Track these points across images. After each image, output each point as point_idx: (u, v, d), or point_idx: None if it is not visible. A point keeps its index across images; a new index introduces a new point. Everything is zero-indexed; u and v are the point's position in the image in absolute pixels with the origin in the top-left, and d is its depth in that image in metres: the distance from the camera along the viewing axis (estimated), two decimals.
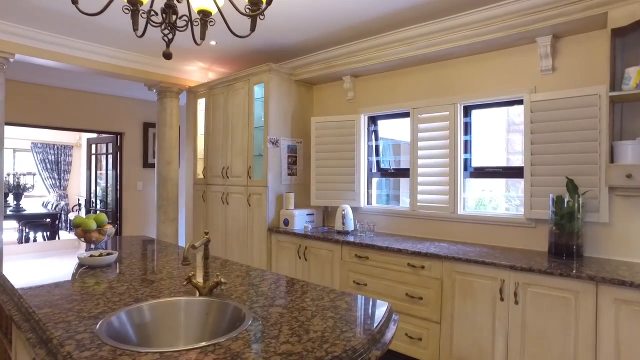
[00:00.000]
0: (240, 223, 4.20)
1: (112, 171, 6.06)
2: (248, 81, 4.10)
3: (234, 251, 4.26)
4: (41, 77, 5.05)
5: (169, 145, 4.76)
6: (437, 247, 2.91)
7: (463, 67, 3.21)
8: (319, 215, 4.13)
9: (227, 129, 4.36)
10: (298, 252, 3.63)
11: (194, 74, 4.81)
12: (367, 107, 3.85)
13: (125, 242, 2.75)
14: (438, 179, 3.31)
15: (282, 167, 4.04)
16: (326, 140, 3.98)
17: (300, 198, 4.21)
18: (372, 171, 3.93)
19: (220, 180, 4.45)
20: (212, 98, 4.58)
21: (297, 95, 4.20)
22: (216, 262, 2.18)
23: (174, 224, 4.80)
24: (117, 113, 5.92)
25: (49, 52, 3.80)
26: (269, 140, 3.91)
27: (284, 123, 4.06)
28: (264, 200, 3.93)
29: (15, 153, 9.63)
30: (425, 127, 3.40)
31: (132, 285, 1.68)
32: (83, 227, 2.34)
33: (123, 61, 4.24)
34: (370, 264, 3.05)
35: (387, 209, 3.71)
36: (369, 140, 3.92)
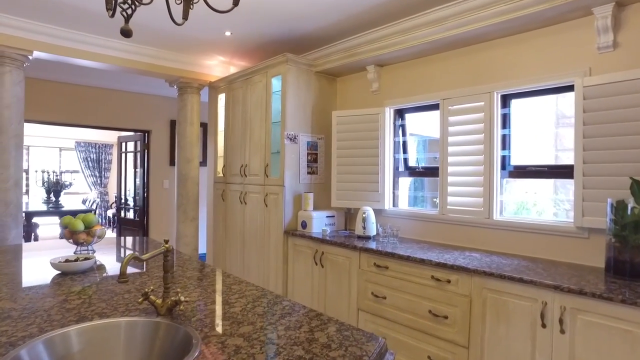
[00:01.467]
0: (258, 225, 3.96)
1: (140, 169, 6.05)
2: (266, 74, 3.85)
3: (252, 256, 4.03)
4: (69, 75, 5.09)
5: (190, 142, 4.62)
6: (467, 257, 2.50)
7: (500, 50, 2.77)
8: (341, 217, 3.81)
9: (245, 124, 4.14)
10: (314, 257, 3.33)
11: (215, 68, 4.64)
12: (392, 100, 3.48)
13: (121, 245, 2.57)
14: (471, 179, 2.89)
15: (300, 165, 3.75)
16: (348, 136, 3.65)
17: (322, 199, 3.91)
18: (398, 170, 3.55)
19: (239, 178, 4.24)
20: (231, 93, 4.38)
21: (318, 88, 3.90)
22: (204, 271, 1.92)
23: (193, 224, 4.66)
24: (144, 111, 5.89)
25: (66, 49, 3.75)
26: (286, 136, 3.64)
27: (303, 118, 3.77)
28: (281, 200, 3.66)
29: (62, 152, 10.03)
30: (457, 120, 2.99)
31: (91, 299, 1.46)
32: (70, 228, 2.17)
33: (141, 56, 4.13)
34: (390, 275, 2.70)
35: (414, 212, 3.32)
36: (395, 136, 3.55)
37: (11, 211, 3.55)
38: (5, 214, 3.52)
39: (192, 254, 4.65)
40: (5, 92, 3.52)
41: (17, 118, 3.60)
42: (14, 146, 3.57)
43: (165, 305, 1.30)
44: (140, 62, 4.14)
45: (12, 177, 3.56)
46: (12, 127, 3.56)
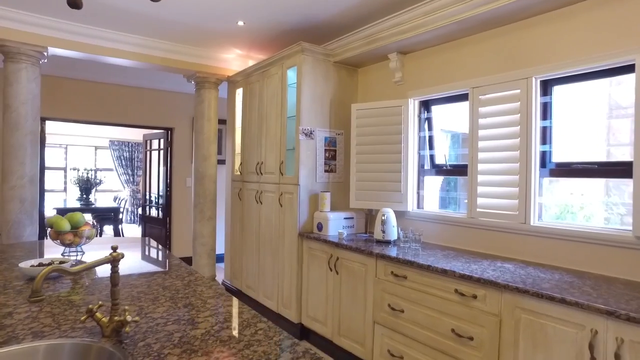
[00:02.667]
0: (273, 226, 3.74)
1: (164, 167, 6.00)
2: (281, 65, 3.62)
3: (267, 258, 3.81)
4: (93, 73, 5.08)
5: (207, 139, 4.47)
6: (498, 269, 2.15)
7: (540, 28, 2.39)
8: (361, 219, 3.51)
9: (261, 120, 3.93)
10: (329, 263, 3.07)
11: (233, 62, 4.46)
12: (417, 90, 3.15)
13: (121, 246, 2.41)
14: (504, 178, 2.52)
15: (317, 163, 3.49)
16: (368, 131, 3.35)
17: (341, 199, 3.64)
18: (423, 168, 3.22)
19: (255, 177, 4.03)
20: (248, 87, 4.19)
21: (337, 79, 3.62)
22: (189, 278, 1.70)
23: (210, 224, 4.50)
24: (168, 108, 5.83)
25: (81, 44, 3.68)
26: (302, 131, 3.39)
27: (321, 112, 3.51)
28: (295, 200, 3.42)
29: (97, 150, 10.29)
30: (489, 111, 2.63)
31: (40, 312, 1.26)
32: (55, 228, 2.02)
33: (156, 50, 4.01)
34: (409, 286, 2.38)
35: (439, 215, 2.98)
36: (420, 131, 3.21)
37: (26, 208, 3.52)
38: (20, 211, 3.49)
39: (209, 254, 4.50)
40: (22, 88, 3.48)
41: (32, 115, 3.55)
42: (29, 143, 3.53)
43: (111, 326, 1.08)
44: (155, 57, 4.03)
45: (27, 174, 3.52)
46: (28, 124, 3.52)
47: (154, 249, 2.40)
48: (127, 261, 2.01)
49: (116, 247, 1.13)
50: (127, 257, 2.14)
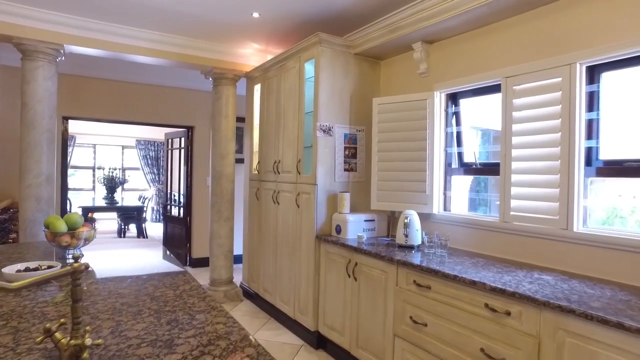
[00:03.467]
0: (290, 227, 3.56)
1: (184, 166, 5.94)
2: (299, 59, 3.44)
3: (284, 261, 3.64)
4: (114, 72, 5.07)
5: (224, 137, 4.35)
6: (536, 282, 1.88)
7: (584, 7, 2.10)
8: (382, 222, 3.28)
9: (279, 116, 3.76)
10: (347, 268, 2.86)
11: (251, 57, 4.32)
12: (443, 82, 2.89)
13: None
14: (542, 177, 2.24)
15: (336, 161, 3.29)
16: (391, 127, 3.12)
17: (362, 200, 3.42)
18: (450, 167, 2.96)
19: (272, 176, 3.87)
20: (266, 82, 4.03)
21: (358, 72, 3.40)
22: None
23: (227, 225, 4.38)
24: (188, 106, 5.77)
25: (96, 41, 3.62)
26: (319, 127, 3.19)
27: (340, 107, 3.30)
28: (312, 201, 3.23)
29: (124, 150, 10.45)
30: (524, 103, 2.35)
31: (4, 327, 1.12)
32: (50, 230, 1.90)
33: (172, 46, 3.91)
34: (433, 297, 2.15)
35: (468, 218, 2.72)
36: (447, 126, 2.96)
37: (42, 207, 3.48)
38: (36, 210, 3.46)
39: (226, 256, 4.37)
40: (38, 86, 3.45)
41: (48, 113, 3.52)
42: (46, 141, 3.50)
43: (69, 350, 0.92)
44: (171, 53, 3.93)
45: (44, 172, 3.49)
46: (44, 122, 3.48)
47: (159, 252, 2.27)
48: (125, 265, 1.88)
49: (78, 257, 0.97)
50: (127, 261, 2.01)
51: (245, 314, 3.95)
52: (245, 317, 3.86)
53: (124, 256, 2.17)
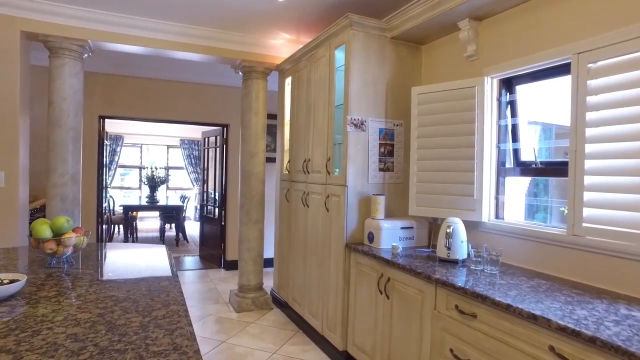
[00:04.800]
0: (319, 233, 3.23)
1: (220, 165, 5.80)
2: (329, 46, 3.10)
3: (313, 270, 3.32)
4: (149, 70, 5.00)
5: (254, 134, 4.09)
6: (625, 320, 1.41)
7: None
8: (422, 230, 2.86)
9: (309, 110, 3.44)
10: (378, 283, 2.47)
11: (282, 49, 4.03)
12: (495, 65, 2.42)
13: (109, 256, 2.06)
14: (628, 180, 1.73)
15: (369, 159, 2.91)
16: (432, 120, 2.69)
17: (398, 204, 3.02)
18: (504, 166, 2.48)
19: (302, 176, 3.56)
20: (297, 75, 3.73)
21: (395, 59, 3.00)
22: None
23: (257, 228, 4.12)
24: (222, 103, 5.60)
25: (120, 36, 3.50)
26: (350, 121, 2.83)
27: (374, 98, 2.92)
28: (342, 204, 2.87)
29: (169, 149, 10.63)
30: (604, 84, 1.84)
31: None
32: (34, 236, 1.70)
33: (197, 39, 3.71)
34: (480, 328, 1.72)
35: (526, 228, 2.23)
36: (499, 118, 2.48)
37: (67, 207, 3.40)
38: (61, 210, 3.37)
39: (255, 260, 4.12)
40: (63, 84, 3.37)
41: (74, 111, 3.43)
42: (71, 139, 3.41)
43: None
44: (197, 46, 3.73)
45: (69, 171, 3.41)
46: (69, 120, 3.40)
47: (166, 259, 2.02)
48: (116, 271, 1.63)
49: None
50: (123, 270, 1.77)
51: (273, 324, 3.66)
52: (272, 327, 3.58)
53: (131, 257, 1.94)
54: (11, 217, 3.22)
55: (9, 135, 3.22)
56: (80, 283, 1.55)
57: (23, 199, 3.37)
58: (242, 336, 3.39)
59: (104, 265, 1.84)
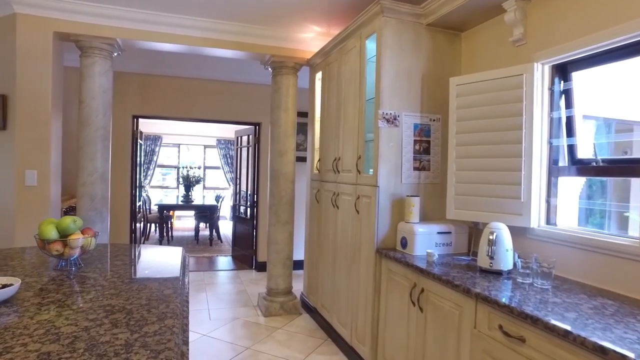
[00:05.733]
0: (349, 236, 3.03)
1: (252, 164, 5.71)
2: (359, 36, 2.89)
3: (342, 275, 3.12)
4: (180, 69, 4.99)
5: (284, 132, 3.94)
6: None
7: None
8: (461, 235, 2.59)
9: (339, 106, 3.25)
10: (411, 294, 2.24)
11: (312, 43, 3.86)
12: (547, 50, 2.12)
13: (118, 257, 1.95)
14: None
15: (403, 158, 2.67)
16: (473, 114, 2.42)
17: (435, 206, 2.76)
18: (557, 165, 2.18)
19: (332, 175, 3.37)
20: (327, 69, 3.54)
21: (432, 48, 2.74)
22: None
23: (286, 229, 3.97)
24: (255, 102, 5.51)
25: (148, 33, 3.47)
26: (382, 116, 2.61)
27: (408, 91, 2.68)
28: (373, 206, 2.66)
29: (206, 149, 10.76)
30: None
31: None
32: (39, 236, 1.62)
33: (225, 34, 3.61)
34: (529, 355, 1.45)
35: (585, 237, 1.92)
36: (551, 110, 2.18)
37: (96, 205, 3.39)
38: (89, 208, 3.38)
39: (284, 263, 3.97)
40: (93, 83, 3.37)
41: (103, 109, 3.42)
42: (100, 138, 3.40)
43: None
44: (225, 41, 3.63)
45: (98, 170, 3.40)
46: (98, 119, 3.39)
47: (179, 264, 1.89)
48: (123, 275, 1.52)
49: None
50: (130, 274, 1.65)
51: (301, 330, 3.50)
52: (299, 334, 3.41)
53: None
54: (43, 215, 3.25)
55: (42, 134, 3.25)
56: (80, 288, 1.44)
57: (54, 198, 3.39)
58: (268, 342, 3.25)
59: (113, 269, 1.73)
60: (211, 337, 3.31)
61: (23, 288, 1.41)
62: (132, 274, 1.67)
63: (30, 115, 3.22)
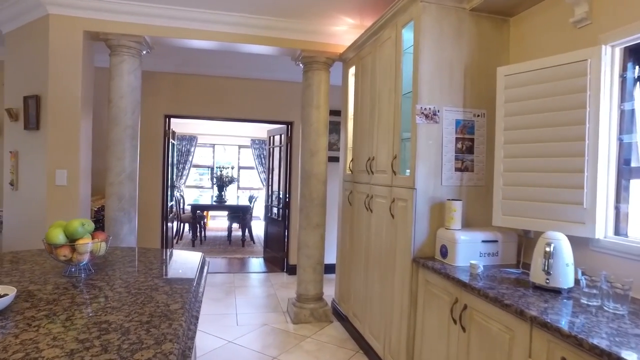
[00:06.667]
0: (382, 242, 2.80)
1: (284, 164, 5.57)
2: (395, 25, 2.66)
3: (375, 284, 2.90)
4: (209, 67, 4.92)
5: (315, 130, 3.76)
6: None
7: None
8: (510, 245, 2.30)
9: (373, 102, 3.03)
10: (452, 310, 1.99)
11: (344, 37, 3.66)
12: (619, 29, 1.81)
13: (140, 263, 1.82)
14: None
15: (443, 157, 2.42)
16: (525, 107, 2.13)
17: (480, 211, 2.49)
18: (628, 165, 1.86)
19: (366, 176, 3.16)
20: (360, 63, 3.33)
21: (477, 36, 2.47)
22: None
23: (317, 233, 3.78)
24: (287, 100, 5.36)
25: (176, 30, 3.38)
26: (420, 111, 2.37)
27: (449, 84, 2.42)
28: (410, 210, 2.42)
29: (240, 149, 10.78)
30: None
31: None
32: (47, 240, 1.51)
33: (254, 29, 3.48)
34: None
35: None
36: (623, 101, 1.86)
37: (123, 205, 3.35)
38: (117, 209, 3.33)
39: (315, 268, 3.78)
40: (122, 81, 3.33)
41: (131, 108, 3.37)
42: (128, 137, 3.36)
43: None
44: (254, 36, 3.50)
45: (126, 169, 3.35)
46: (127, 118, 3.35)
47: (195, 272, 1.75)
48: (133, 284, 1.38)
49: None
50: (140, 284, 1.52)
51: (331, 340, 3.30)
52: (329, 344, 3.22)
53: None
54: (72, 215, 3.23)
55: (71, 134, 3.23)
56: (81, 300, 1.31)
57: (84, 197, 3.38)
58: (296, 352, 3.07)
59: (123, 276, 1.61)
60: (237, 344, 3.18)
61: (22, 297, 1.30)
62: (141, 283, 1.53)
63: (61, 115, 3.21)
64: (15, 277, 1.53)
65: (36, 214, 3.27)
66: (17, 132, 3.52)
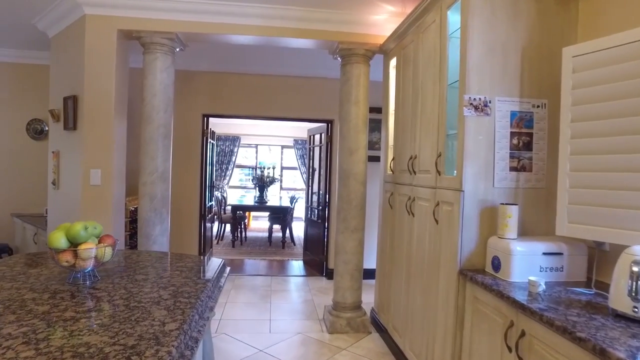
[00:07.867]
0: (425, 250, 2.51)
1: (324, 164, 5.37)
2: (440, 7, 2.37)
3: (416, 296, 2.62)
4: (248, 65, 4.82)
5: (354, 127, 3.52)
6: None
7: None
8: (578, 258, 1.94)
9: (416, 95, 2.75)
10: (506, 335, 1.68)
11: (385, 26, 3.39)
12: None
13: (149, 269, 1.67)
14: None
15: (495, 155, 2.10)
16: (596, 94, 1.77)
17: (539, 218, 2.14)
18: None
19: (407, 177, 2.88)
20: (402, 53, 3.06)
21: (535, 13, 2.12)
22: None
23: (355, 237, 3.53)
24: (326, 97, 5.14)
25: (202, 24, 3.29)
26: (468, 102, 2.07)
27: (502, 70, 2.10)
28: (456, 215, 2.12)
29: (283, 149, 10.73)
30: None
31: None
32: (49, 245, 1.39)
33: (287, 20, 3.30)
34: None
35: None
36: None
37: (155, 206, 3.29)
38: (149, 209, 3.28)
39: (353, 275, 3.54)
40: (154, 79, 3.27)
41: (164, 106, 3.31)
42: (160, 136, 3.30)
43: None
44: (287, 29, 3.32)
45: (158, 169, 3.29)
46: (159, 116, 3.29)
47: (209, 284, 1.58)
48: (136, 295, 1.23)
49: None
50: (143, 295, 1.36)
51: (367, 354, 3.04)
52: (365, 358, 2.96)
53: None
54: (106, 215, 3.21)
55: (105, 133, 3.21)
56: (71, 314, 1.17)
57: (117, 197, 3.35)
58: None
59: (128, 285, 1.46)
60: (267, 353, 3.00)
61: (11, 309, 1.18)
62: (145, 294, 1.37)
63: (95, 115, 3.20)
64: (18, 283, 1.42)
65: (75, 214, 3.28)
66: (58, 133, 3.58)
